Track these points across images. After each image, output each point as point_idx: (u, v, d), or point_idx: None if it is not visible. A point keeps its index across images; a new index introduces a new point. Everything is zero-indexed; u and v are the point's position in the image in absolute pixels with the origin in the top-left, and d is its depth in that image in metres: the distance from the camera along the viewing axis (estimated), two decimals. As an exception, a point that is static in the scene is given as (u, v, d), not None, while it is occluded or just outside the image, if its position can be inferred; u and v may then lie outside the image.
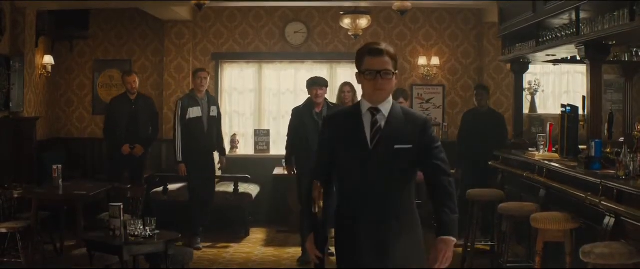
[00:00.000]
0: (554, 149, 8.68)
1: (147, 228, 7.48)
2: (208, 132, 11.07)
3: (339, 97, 10.89)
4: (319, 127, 8.40)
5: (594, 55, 7.56)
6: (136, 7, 12.63)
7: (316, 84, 9.87)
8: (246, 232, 11.78)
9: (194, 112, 10.90)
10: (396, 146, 4.44)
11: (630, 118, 9.76)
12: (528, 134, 11.58)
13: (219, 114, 11.44)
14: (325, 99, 10.02)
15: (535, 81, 13.08)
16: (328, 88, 10.19)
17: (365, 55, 4.47)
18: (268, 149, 13.24)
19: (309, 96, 9.96)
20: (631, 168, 6.42)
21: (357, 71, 4.55)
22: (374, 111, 4.49)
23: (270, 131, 13.39)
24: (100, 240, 7.50)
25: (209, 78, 11.27)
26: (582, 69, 7.42)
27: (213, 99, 11.41)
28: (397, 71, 4.54)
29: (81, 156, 13.45)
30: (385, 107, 4.52)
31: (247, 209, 11.91)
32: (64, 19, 12.90)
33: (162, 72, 13.40)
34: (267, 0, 12.52)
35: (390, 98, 4.58)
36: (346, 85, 10.88)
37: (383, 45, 4.46)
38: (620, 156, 6.59)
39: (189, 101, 10.95)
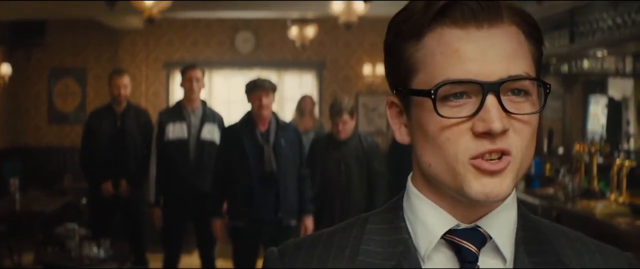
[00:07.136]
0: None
1: (101, 249, 7.48)
2: (196, 161, 7.42)
3: (299, 112, 9.94)
4: (266, 157, 6.59)
5: (534, 74, 7.90)
6: (90, 16, 12.62)
7: (260, 88, 6.58)
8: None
9: (176, 131, 7.41)
10: None
11: (570, 127, 10.10)
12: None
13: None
14: (274, 113, 6.82)
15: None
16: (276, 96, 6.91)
17: (430, 24, 1.20)
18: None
19: (251, 107, 6.73)
20: (570, 189, 6.80)
21: (392, 89, 1.31)
22: (470, 248, 1.25)
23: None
24: (56, 262, 7.69)
25: (202, 81, 7.64)
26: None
27: (212, 115, 7.68)
28: (548, 89, 1.24)
29: (39, 165, 13.44)
30: (503, 232, 1.28)
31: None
32: (19, 26, 12.86)
33: (115, 81, 13.48)
34: (213, 10, 12.53)
35: (514, 195, 1.29)
36: (307, 98, 10.22)
37: None
38: (559, 175, 6.99)
39: (170, 116, 7.53)
